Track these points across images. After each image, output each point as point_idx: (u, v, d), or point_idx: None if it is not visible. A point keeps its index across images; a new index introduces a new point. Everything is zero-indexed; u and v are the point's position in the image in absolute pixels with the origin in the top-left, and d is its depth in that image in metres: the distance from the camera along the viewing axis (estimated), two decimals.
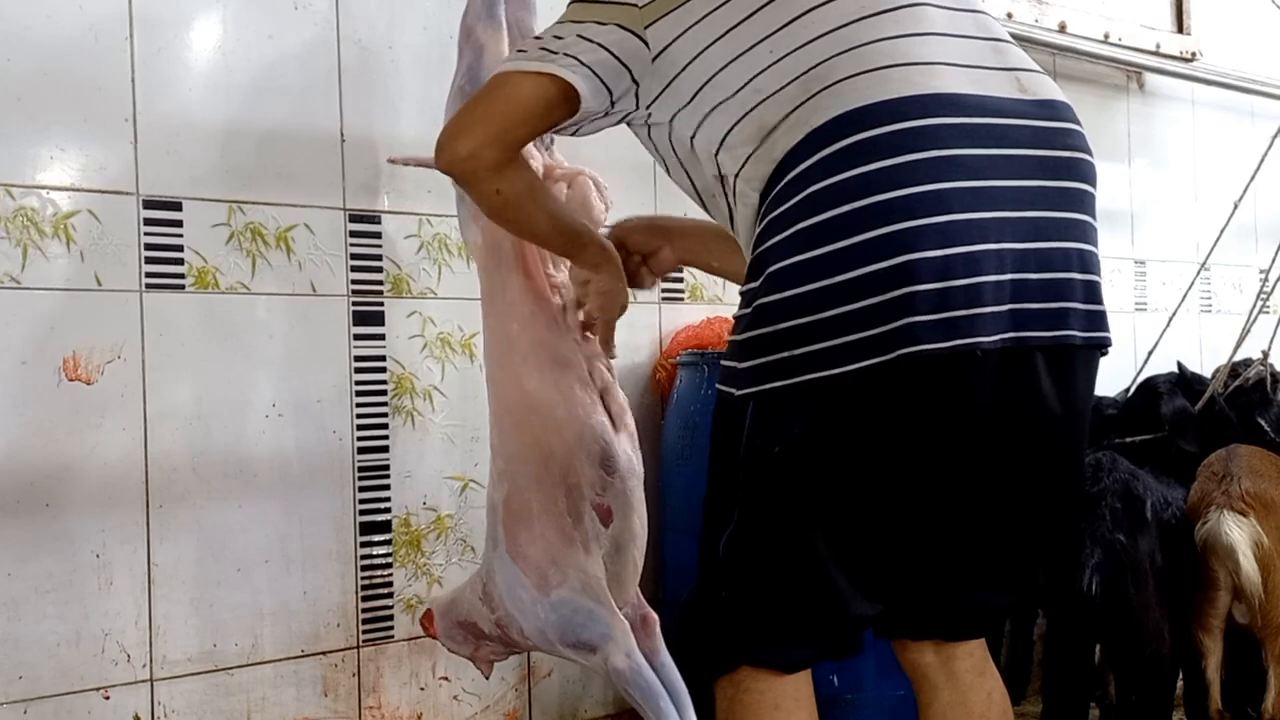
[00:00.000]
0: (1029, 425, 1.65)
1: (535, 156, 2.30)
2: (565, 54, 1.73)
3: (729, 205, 1.71)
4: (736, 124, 1.64)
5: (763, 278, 1.59)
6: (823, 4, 1.63)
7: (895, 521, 1.67)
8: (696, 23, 1.69)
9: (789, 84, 1.60)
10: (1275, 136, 3.53)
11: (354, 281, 2.66)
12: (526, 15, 2.40)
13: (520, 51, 1.81)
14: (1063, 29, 3.81)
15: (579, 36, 1.74)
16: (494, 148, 1.77)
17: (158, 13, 2.43)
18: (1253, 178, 3.52)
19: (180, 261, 2.45)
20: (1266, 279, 3.52)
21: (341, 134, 2.64)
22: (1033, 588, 1.88)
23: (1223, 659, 2.64)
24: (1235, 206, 3.56)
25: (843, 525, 1.65)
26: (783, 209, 1.58)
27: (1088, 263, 1.64)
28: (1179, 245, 4.33)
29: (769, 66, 1.62)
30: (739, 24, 1.66)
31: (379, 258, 2.69)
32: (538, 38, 1.81)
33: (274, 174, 2.56)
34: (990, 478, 1.68)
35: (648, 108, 1.76)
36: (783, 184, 1.58)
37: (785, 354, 1.57)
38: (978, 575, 1.76)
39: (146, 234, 2.41)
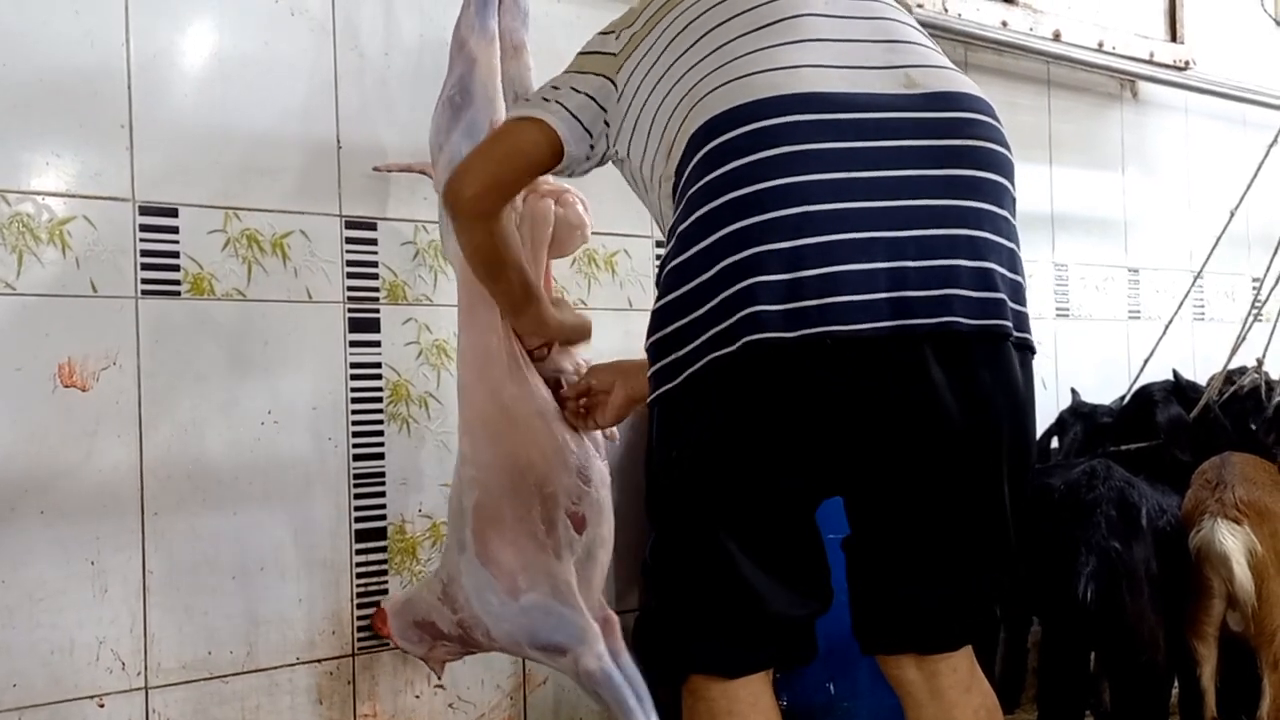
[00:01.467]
0: (919, 413, 1.61)
1: None
2: (555, 101, 1.89)
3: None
4: (659, 147, 1.74)
5: (659, 284, 1.68)
6: (715, 27, 1.72)
7: (783, 518, 1.68)
8: (640, 61, 1.82)
9: (680, 102, 1.70)
10: (1271, 146, 3.54)
11: (350, 288, 2.66)
12: (519, 26, 2.42)
13: (525, 100, 1.98)
14: (1057, 37, 3.82)
15: (571, 88, 1.89)
16: (496, 193, 1.95)
17: (154, 19, 2.43)
18: (1249, 186, 3.53)
19: (176, 268, 2.45)
20: (1260, 288, 3.52)
21: (338, 141, 2.64)
22: (972, 588, 1.77)
23: (1217, 666, 2.64)
24: (1231, 215, 3.57)
25: (746, 520, 1.66)
26: (675, 216, 1.67)
27: (979, 249, 1.61)
28: (1172, 253, 4.34)
29: (671, 89, 1.72)
30: (661, 55, 1.78)
31: (375, 265, 2.69)
32: (550, 85, 1.96)
33: (270, 180, 2.56)
34: (877, 468, 1.65)
35: (615, 144, 1.88)
36: (676, 193, 1.68)
37: (672, 356, 1.63)
38: (885, 571, 1.73)
39: (142, 240, 2.41)
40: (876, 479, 1.67)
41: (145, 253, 2.41)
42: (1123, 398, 3.33)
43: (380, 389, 2.70)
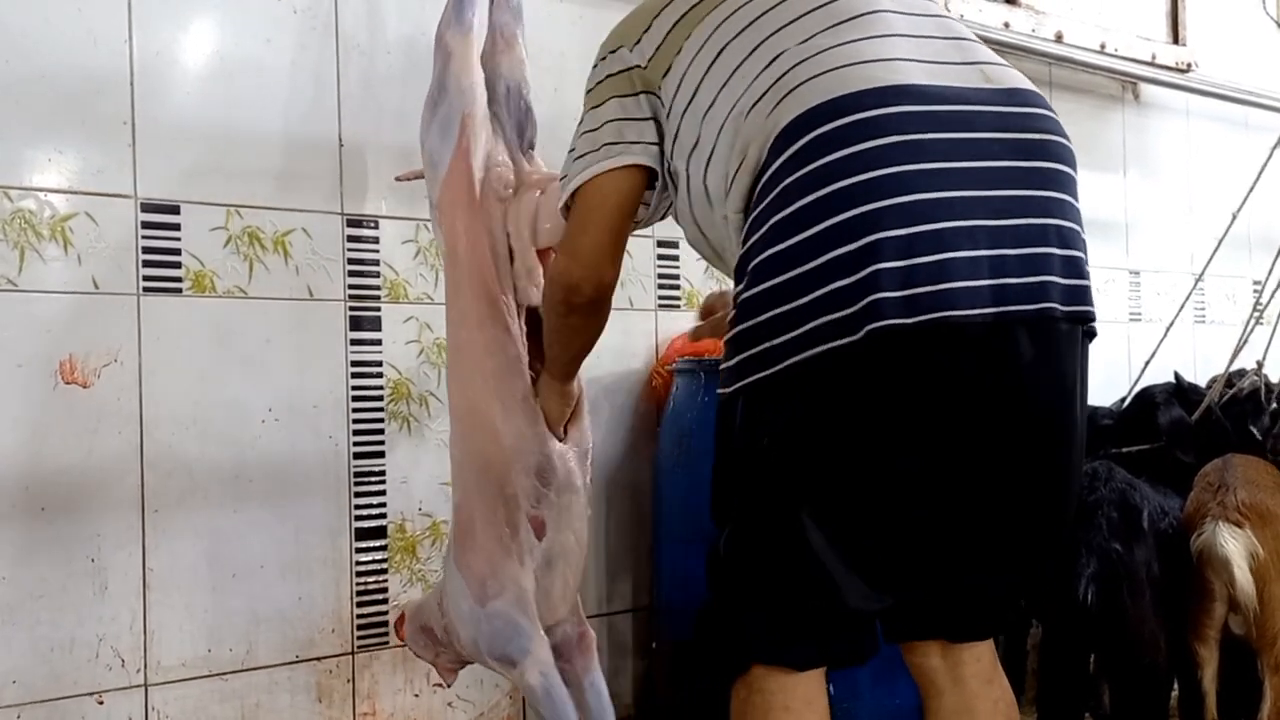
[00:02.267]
0: (1012, 399, 1.65)
1: (508, 164, 2.30)
2: (624, 141, 1.82)
3: (734, 245, 1.75)
4: (732, 148, 1.69)
5: (746, 274, 1.63)
6: (788, 24, 1.70)
7: (885, 505, 1.67)
8: (688, 69, 1.77)
9: (761, 99, 1.66)
10: (1274, 149, 3.54)
11: (351, 287, 2.66)
12: (510, 20, 2.39)
13: (579, 157, 1.85)
14: (1059, 39, 3.82)
15: (622, 119, 1.83)
16: (615, 269, 1.89)
17: (156, 17, 2.43)
18: (1251, 189, 3.53)
19: (178, 265, 2.45)
20: (1262, 291, 3.52)
21: (340, 139, 2.64)
22: (1035, 574, 1.86)
23: (1218, 669, 2.64)
24: (1234, 218, 3.56)
25: (834, 514, 1.66)
26: (760, 208, 1.63)
27: (1066, 238, 1.66)
28: (1173, 256, 4.34)
29: (745, 90, 1.69)
30: (716, 60, 1.74)
31: (376, 263, 2.69)
32: (574, 146, 1.87)
33: (272, 178, 2.56)
34: (975, 454, 1.67)
35: (675, 160, 1.82)
36: (760, 186, 1.64)
37: (766, 344, 1.60)
38: (971, 557, 1.75)
39: (144, 237, 2.41)
40: (956, 460, 1.68)
41: (147, 250, 2.41)
42: (1123, 400, 3.33)
43: (381, 387, 2.70)
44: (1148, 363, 3.46)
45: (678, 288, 3.18)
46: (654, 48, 1.82)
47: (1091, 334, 1.72)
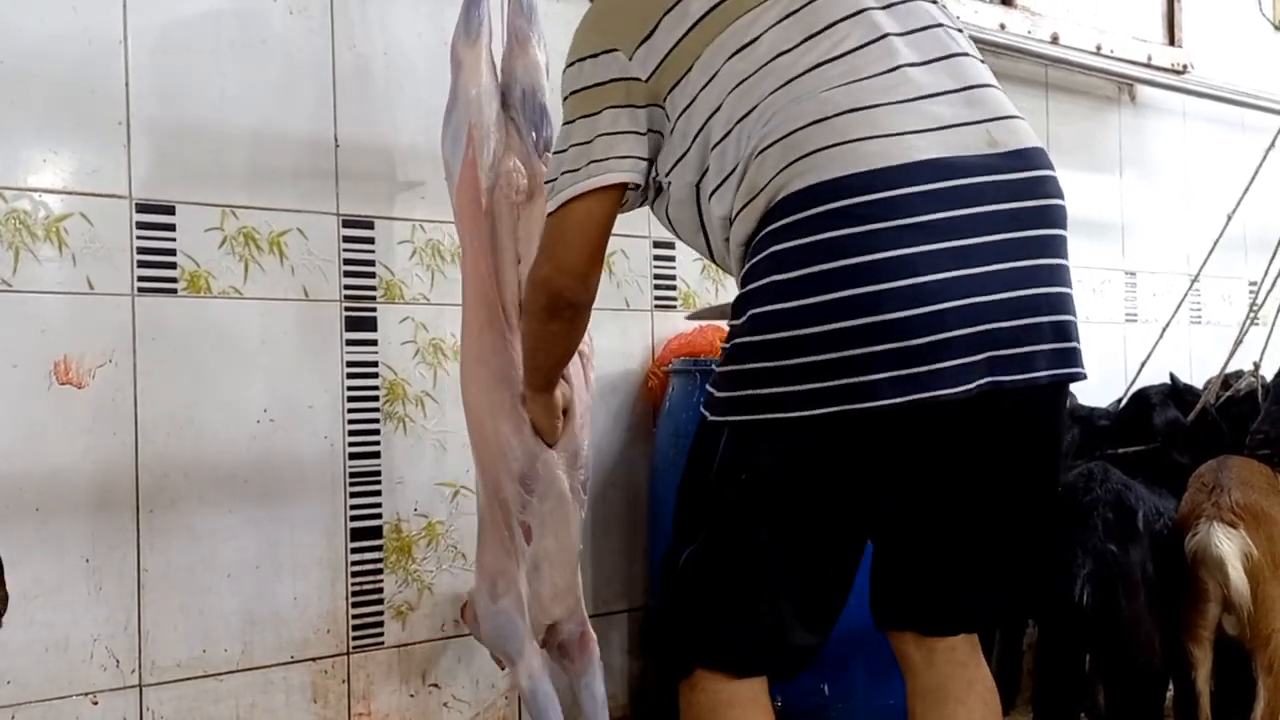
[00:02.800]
0: (989, 456, 1.75)
1: (520, 169, 2.32)
2: (612, 157, 1.82)
3: (734, 269, 1.81)
4: (737, 189, 1.72)
5: (745, 318, 1.70)
6: (806, 71, 1.70)
7: (849, 554, 1.80)
8: (700, 92, 1.76)
9: (772, 146, 1.68)
10: (1269, 149, 3.54)
11: (347, 287, 2.66)
12: (524, 22, 2.40)
13: (570, 171, 1.84)
14: (1055, 40, 3.82)
15: (616, 132, 1.81)
16: (596, 278, 1.91)
17: (151, 17, 2.43)
18: (1246, 189, 3.53)
19: (173, 265, 2.45)
20: (1258, 291, 3.52)
21: (335, 139, 2.64)
22: (1011, 597, 1.97)
23: (1212, 670, 2.64)
24: (1229, 218, 3.56)
25: (797, 556, 1.75)
26: (759, 259, 1.68)
27: (1056, 305, 1.73)
28: (1170, 257, 4.34)
29: (760, 131, 1.70)
30: (731, 93, 1.73)
31: (372, 263, 2.69)
32: (561, 151, 1.86)
33: (267, 179, 2.56)
34: (949, 508, 1.78)
35: (667, 175, 1.83)
36: (760, 237, 1.69)
37: (755, 391, 1.68)
38: (942, 585, 1.85)
39: (139, 238, 2.41)
40: (929, 515, 1.79)
41: (142, 250, 2.41)
42: (1119, 401, 3.33)
43: (377, 388, 2.70)
44: (1144, 364, 3.46)
45: (674, 288, 3.18)
46: (658, 60, 1.78)
47: (1076, 379, 1.80)
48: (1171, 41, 4.23)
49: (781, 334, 1.65)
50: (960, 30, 1.83)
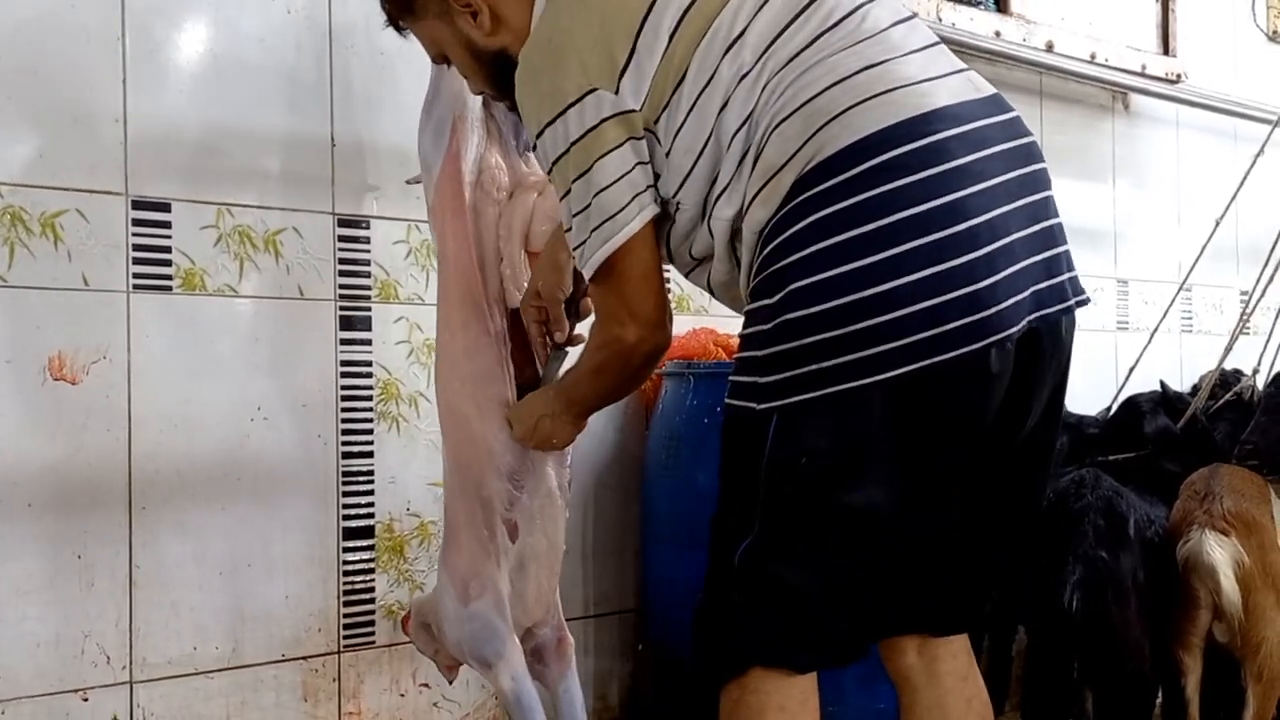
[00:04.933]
0: (1030, 401, 1.74)
1: (502, 167, 2.31)
2: (633, 197, 1.76)
3: (735, 259, 1.76)
4: (749, 176, 1.69)
5: (782, 294, 1.62)
6: (806, 45, 1.69)
7: (910, 525, 1.72)
8: (698, 99, 1.72)
9: (789, 119, 1.65)
10: (1257, 157, 3.56)
11: (342, 286, 2.66)
12: None
13: (594, 230, 1.77)
14: (1050, 49, 3.83)
15: (622, 176, 1.75)
16: (669, 312, 1.89)
17: (150, 14, 2.43)
18: (1234, 196, 3.55)
19: (168, 263, 2.45)
20: (1248, 301, 3.54)
21: (332, 139, 2.64)
22: (1014, 561, 1.96)
23: (1201, 677, 2.65)
24: (1216, 224, 3.58)
25: (865, 535, 1.69)
26: (794, 230, 1.63)
27: (1059, 236, 1.75)
28: (1161, 265, 4.36)
29: (773, 109, 1.67)
30: (738, 86, 1.70)
31: (367, 263, 2.69)
32: (581, 211, 1.78)
33: (263, 177, 2.56)
34: (991, 457, 1.76)
35: (675, 197, 1.78)
36: (790, 208, 1.63)
37: (814, 366, 1.61)
38: (968, 553, 1.83)
39: (134, 235, 2.41)
40: (990, 471, 1.77)
41: (137, 247, 2.41)
42: (1109, 408, 3.34)
43: (370, 387, 2.70)
44: (1132, 369, 3.47)
45: (669, 292, 3.17)
46: (646, 87, 1.72)
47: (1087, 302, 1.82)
48: (1166, 51, 4.24)
49: (838, 300, 1.60)
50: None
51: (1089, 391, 3.72)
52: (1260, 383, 3.33)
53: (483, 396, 2.23)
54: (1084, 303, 1.77)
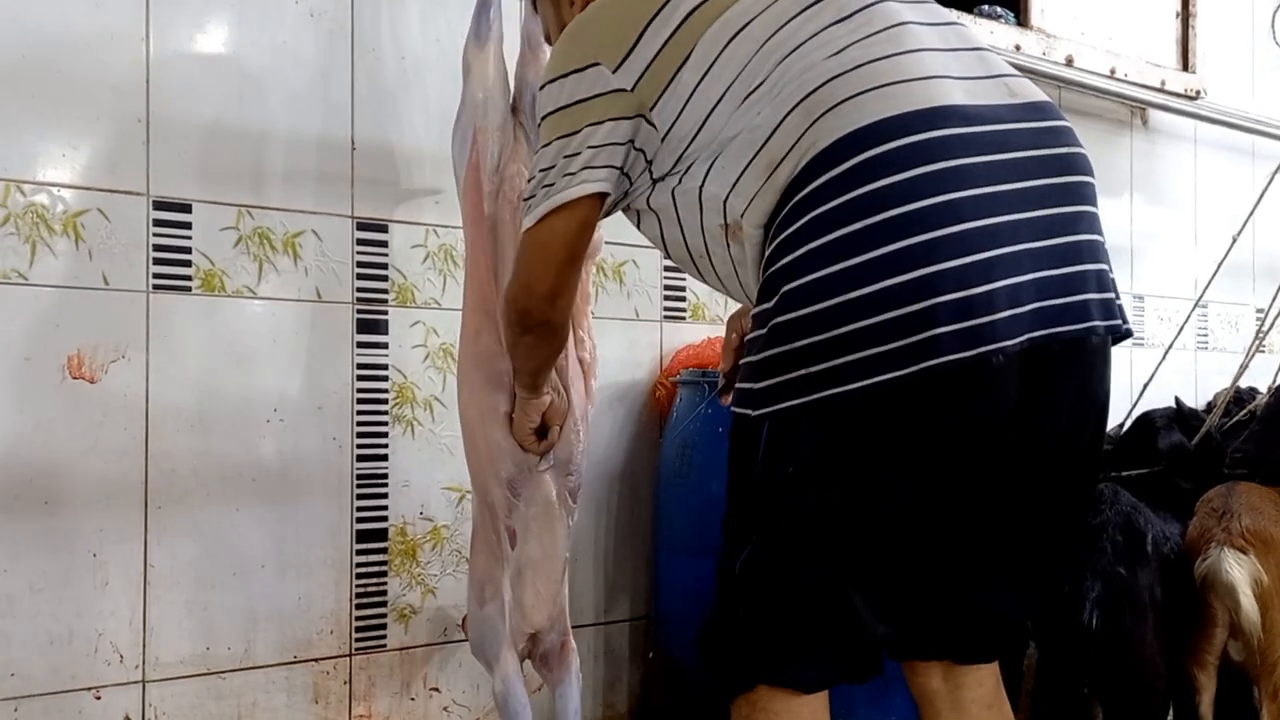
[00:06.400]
0: (1046, 421, 1.66)
1: (524, 175, 2.31)
2: (584, 168, 1.73)
3: (731, 254, 1.71)
4: (748, 165, 1.64)
5: (777, 297, 1.58)
6: (812, 36, 1.64)
7: (910, 535, 1.67)
8: (694, 91, 1.68)
9: (790, 113, 1.61)
10: (1275, 174, 3.55)
11: (359, 290, 2.66)
12: (538, 29, 2.40)
13: (544, 186, 1.76)
14: (1069, 63, 3.83)
15: (589, 147, 1.73)
16: (568, 295, 1.85)
17: (174, 16, 2.44)
18: (1252, 212, 3.53)
19: (188, 263, 2.45)
20: (1265, 319, 3.53)
21: (352, 142, 2.65)
22: (1052, 589, 1.88)
23: (1215, 696, 2.64)
24: (1234, 241, 3.57)
25: (858, 544, 1.64)
26: (791, 230, 1.58)
27: (1097, 253, 1.66)
28: (1178, 282, 4.35)
29: (770, 104, 1.63)
30: (736, 78, 1.66)
31: (385, 267, 2.70)
32: (544, 169, 1.77)
33: (284, 180, 2.56)
34: (1006, 477, 1.69)
35: (662, 178, 1.75)
36: (790, 207, 1.59)
37: (802, 371, 1.56)
38: (988, 577, 1.76)
39: (155, 235, 2.41)
40: (987, 485, 1.69)
41: (157, 247, 2.42)
42: (1123, 424, 3.33)
43: (386, 391, 2.70)
44: (1146, 385, 3.46)
45: (684, 300, 3.18)
46: (643, 67, 1.70)
47: (1124, 336, 1.73)
48: (1185, 67, 4.23)
49: (826, 303, 1.54)
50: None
51: None
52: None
53: (488, 404, 2.27)
54: (1115, 329, 1.68)
